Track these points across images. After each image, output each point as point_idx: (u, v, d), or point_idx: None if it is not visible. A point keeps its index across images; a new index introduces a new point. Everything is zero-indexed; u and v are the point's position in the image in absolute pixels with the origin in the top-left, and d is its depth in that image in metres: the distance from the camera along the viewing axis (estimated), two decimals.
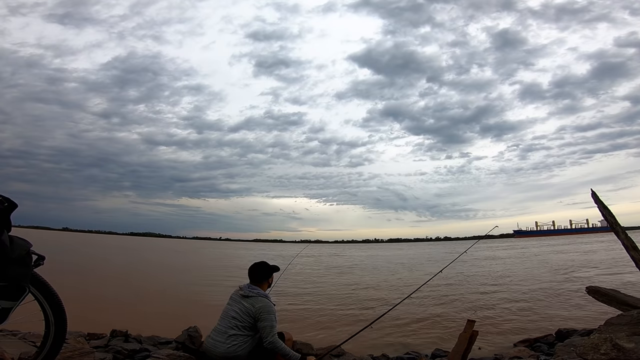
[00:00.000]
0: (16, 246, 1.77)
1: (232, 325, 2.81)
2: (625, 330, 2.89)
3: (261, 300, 2.88)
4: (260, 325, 2.81)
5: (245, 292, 2.93)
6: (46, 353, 2.04)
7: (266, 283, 3.11)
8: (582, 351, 2.42)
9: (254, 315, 2.82)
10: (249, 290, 2.94)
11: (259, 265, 3.13)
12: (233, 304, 2.94)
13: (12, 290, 1.75)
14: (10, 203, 1.75)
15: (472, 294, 10.10)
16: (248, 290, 2.95)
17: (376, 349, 5.08)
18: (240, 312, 2.84)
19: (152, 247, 51.89)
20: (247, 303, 2.87)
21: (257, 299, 2.88)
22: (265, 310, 2.83)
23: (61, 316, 2.06)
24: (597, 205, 4.13)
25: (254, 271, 3.09)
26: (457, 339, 3.26)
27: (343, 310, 8.16)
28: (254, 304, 2.85)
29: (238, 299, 2.94)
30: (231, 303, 2.97)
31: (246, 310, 2.84)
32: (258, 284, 3.04)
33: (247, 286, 3.01)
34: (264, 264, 3.14)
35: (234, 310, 2.87)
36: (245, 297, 2.91)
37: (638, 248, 3.77)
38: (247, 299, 2.89)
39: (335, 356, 4.17)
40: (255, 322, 2.82)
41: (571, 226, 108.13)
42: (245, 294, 2.92)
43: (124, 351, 3.57)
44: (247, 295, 2.91)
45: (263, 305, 2.85)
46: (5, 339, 2.69)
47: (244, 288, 2.99)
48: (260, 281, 3.06)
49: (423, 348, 5.18)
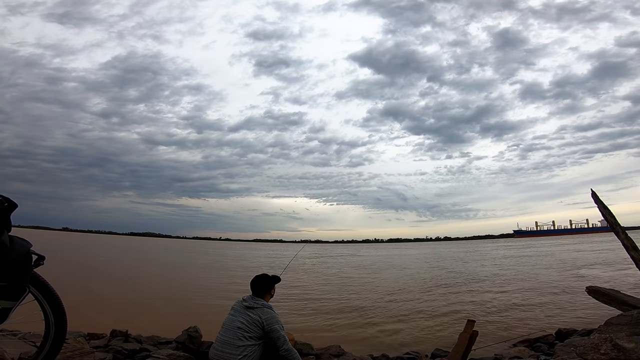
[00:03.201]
0: (16, 246, 1.77)
1: (240, 336, 2.87)
2: (625, 330, 2.89)
3: (267, 311, 2.97)
4: (274, 336, 2.90)
5: (250, 304, 3.00)
6: (46, 353, 2.04)
7: (268, 294, 3.20)
8: (582, 351, 2.42)
9: (262, 326, 2.91)
10: (253, 302, 3.02)
11: (261, 278, 3.21)
12: (237, 315, 2.99)
13: (12, 290, 1.74)
14: (10, 203, 1.74)
15: (472, 294, 10.11)
16: (252, 302, 3.02)
17: (376, 349, 5.08)
18: (247, 323, 2.91)
19: (152, 247, 51.90)
20: (253, 314, 2.94)
21: (262, 310, 2.96)
22: (273, 322, 2.93)
23: (61, 316, 2.06)
24: (597, 205, 4.13)
25: (256, 284, 3.16)
26: (457, 339, 3.26)
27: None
28: (261, 316, 2.93)
29: (242, 310, 3.00)
30: (234, 314, 3.02)
31: (253, 321, 2.91)
32: (260, 296, 3.12)
33: (250, 298, 3.08)
34: (265, 276, 3.23)
35: (239, 321, 2.93)
36: (249, 309, 2.98)
37: (638, 248, 3.77)
38: (252, 310, 2.96)
39: (335, 356, 4.17)
40: (264, 332, 2.91)
41: (571, 226, 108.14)
42: (249, 305, 2.99)
43: (124, 351, 3.57)
44: (252, 307, 2.98)
45: (270, 316, 2.94)
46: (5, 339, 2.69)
47: (248, 300, 3.06)
48: (262, 294, 3.14)
49: (423, 348, 5.18)
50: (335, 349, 4.25)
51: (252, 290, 3.15)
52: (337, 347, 4.28)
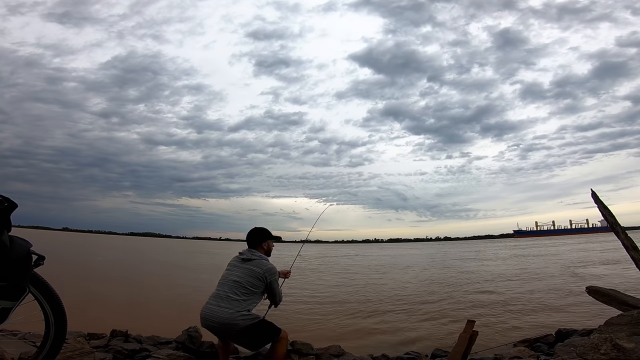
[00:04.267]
0: (16, 246, 1.77)
1: (236, 290, 2.73)
2: (625, 330, 2.89)
3: (265, 263, 2.84)
4: (272, 288, 2.80)
5: (247, 256, 2.88)
6: (46, 353, 2.04)
7: (261, 248, 3.04)
8: (582, 351, 2.42)
9: (262, 277, 2.77)
10: (251, 254, 2.90)
11: (256, 228, 3.08)
12: (233, 269, 2.87)
13: (12, 290, 1.74)
14: (10, 203, 1.74)
15: (472, 294, 10.10)
16: (250, 254, 2.90)
17: (376, 349, 5.08)
18: (244, 275, 2.77)
19: (152, 247, 51.87)
20: (252, 266, 2.81)
21: (261, 261, 2.84)
22: (273, 272, 2.82)
23: (61, 316, 2.06)
24: (597, 205, 4.12)
25: (252, 235, 3.04)
26: (457, 339, 3.26)
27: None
28: (260, 266, 2.80)
29: (238, 264, 2.88)
30: (231, 269, 2.90)
31: (251, 272, 2.78)
32: (255, 248, 2.99)
33: (247, 250, 2.96)
34: (262, 228, 3.10)
35: (236, 274, 2.80)
36: (247, 261, 2.85)
37: (638, 248, 3.77)
38: (250, 262, 2.83)
39: (335, 356, 4.17)
40: (264, 284, 2.78)
41: (571, 226, 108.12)
42: (247, 257, 2.87)
43: (124, 351, 3.56)
44: (250, 259, 2.85)
45: (270, 267, 2.82)
46: (5, 339, 2.69)
47: (245, 252, 2.93)
48: (256, 245, 3.01)
49: (423, 348, 5.17)
50: (335, 349, 4.24)
51: (248, 243, 3.02)
52: (337, 347, 4.27)
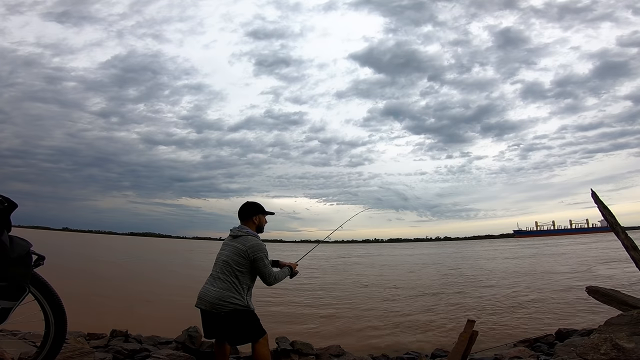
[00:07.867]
0: (16, 246, 1.77)
1: (224, 269, 2.70)
2: (625, 330, 2.89)
3: (250, 239, 2.75)
4: (258, 266, 2.70)
5: (235, 232, 2.83)
6: (46, 353, 2.04)
7: (252, 222, 2.94)
8: (582, 351, 2.42)
9: (245, 254, 2.70)
10: (238, 230, 2.84)
11: (247, 202, 2.99)
12: (224, 248, 2.83)
13: (12, 290, 1.74)
14: (10, 203, 1.74)
15: (472, 294, 10.11)
16: (237, 230, 2.84)
17: (376, 349, 5.09)
18: (231, 254, 2.72)
19: (152, 247, 51.88)
20: (237, 243, 2.75)
21: (246, 237, 2.77)
22: (257, 249, 2.71)
23: (61, 316, 2.06)
24: (597, 205, 4.12)
25: (241, 209, 2.96)
26: (457, 339, 3.26)
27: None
28: (245, 243, 2.73)
29: (229, 242, 2.83)
30: (223, 247, 2.86)
31: (236, 250, 2.71)
32: (245, 223, 2.93)
33: (236, 227, 2.90)
34: (253, 202, 3.02)
35: (225, 253, 2.77)
36: (235, 238, 2.80)
37: (638, 248, 3.77)
38: (237, 239, 2.78)
39: (335, 356, 4.17)
40: (250, 262, 2.70)
41: (571, 226, 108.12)
42: (234, 234, 2.82)
43: (124, 351, 3.56)
44: (237, 235, 2.80)
45: (255, 243, 2.73)
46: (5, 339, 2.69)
47: (234, 229, 2.88)
48: (245, 218, 2.93)
49: (423, 348, 5.18)
50: (335, 349, 4.25)
51: (239, 218, 2.95)
52: (337, 347, 4.28)
